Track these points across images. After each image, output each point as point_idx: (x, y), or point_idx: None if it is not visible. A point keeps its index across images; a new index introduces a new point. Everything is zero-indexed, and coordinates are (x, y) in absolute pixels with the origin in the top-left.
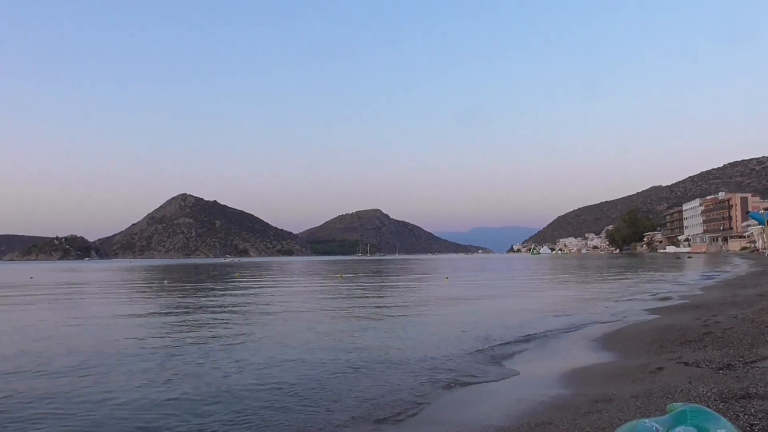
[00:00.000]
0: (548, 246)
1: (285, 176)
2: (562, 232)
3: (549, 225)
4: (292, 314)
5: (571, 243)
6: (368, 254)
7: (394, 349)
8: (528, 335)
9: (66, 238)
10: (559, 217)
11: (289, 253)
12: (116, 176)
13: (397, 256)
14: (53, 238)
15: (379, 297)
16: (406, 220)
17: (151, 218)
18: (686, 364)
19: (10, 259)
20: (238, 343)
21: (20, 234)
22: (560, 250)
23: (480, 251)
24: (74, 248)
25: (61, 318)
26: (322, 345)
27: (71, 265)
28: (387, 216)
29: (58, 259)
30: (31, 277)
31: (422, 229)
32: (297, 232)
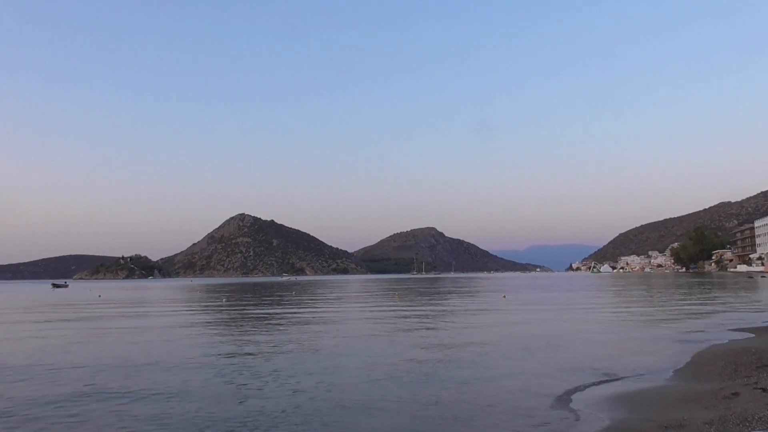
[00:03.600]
0: (609, 264)
1: (340, 195)
2: (624, 249)
3: (610, 243)
4: (355, 336)
5: (634, 261)
6: (423, 272)
7: (473, 385)
8: (609, 374)
9: (131, 258)
10: (621, 235)
11: (345, 271)
12: (177, 197)
13: (452, 275)
14: (119, 258)
15: (442, 320)
16: (462, 238)
17: (211, 238)
18: (764, 390)
19: (80, 278)
20: (297, 363)
21: (89, 254)
22: (622, 268)
23: (538, 269)
24: (138, 267)
25: (126, 335)
26: (398, 376)
27: (135, 283)
28: (442, 234)
29: (123, 278)
30: (99, 296)
31: (477, 247)
32: (352, 251)
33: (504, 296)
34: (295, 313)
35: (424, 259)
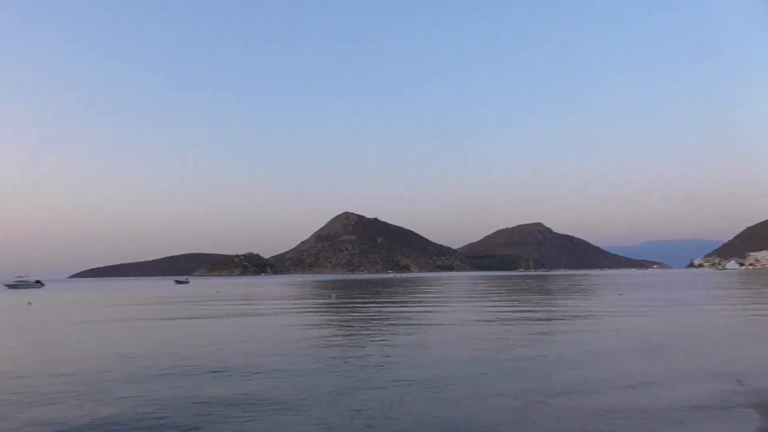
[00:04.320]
0: (736, 260)
1: (443, 192)
2: (753, 244)
3: (736, 237)
4: (473, 336)
5: (765, 257)
6: (531, 269)
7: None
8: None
9: (244, 256)
10: (749, 228)
11: (449, 268)
12: (286, 197)
13: (562, 272)
14: (234, 256)
15: (564, 323)
16: (571, 234)
17: (318, 236)
18: None
19: (199, 275)
20: (415, 358)
21: (207, 252)
22: (751, 265)
23: (655, 266)
24: (252, 265)
25: (243, 328)
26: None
27: (249, 280)
28: (549, 230)
29: (238, 275)
30: (217, 291)
31: (588, 243)
32: (456, 248)
33: (620, 294)
34: (406, 310)
35: (531, 256)
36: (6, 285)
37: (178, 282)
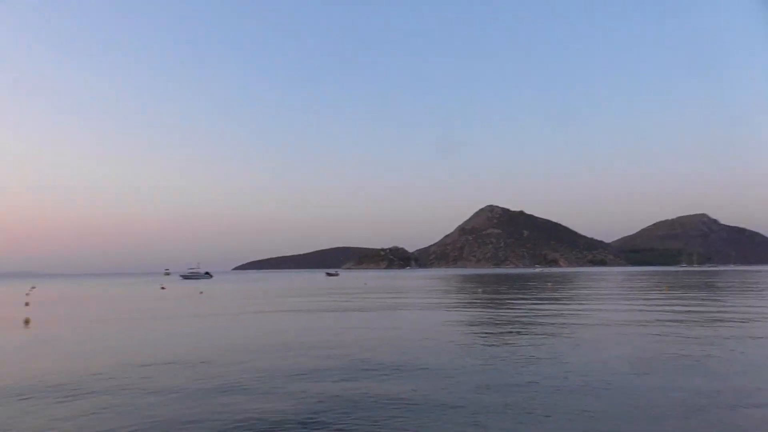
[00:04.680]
0: None
1: (594, 181)
2: None
3: None
4: (637, 335)
5: None
6: (694, 264)
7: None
8: None
9: (390, 249)
10: None
11: (602, 263)
12: (430, 191)
13: (731, 267)
14: (380, 250)
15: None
16: (742, 226)
17: (462, 229)
18: None
19: (347, 268)
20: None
21: (354, 246)
22: None
23: None
24: (397, 258)
25: (391, 322)
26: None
27: (395, 273)
28: (715, 221)
29: (384, 268)
30: (365, 284)
31: (763, 236)
32: (609, 241)
33: None
34: (556, 307)
35: (694, 250)
36: (181, 276)
37: (329, 274)
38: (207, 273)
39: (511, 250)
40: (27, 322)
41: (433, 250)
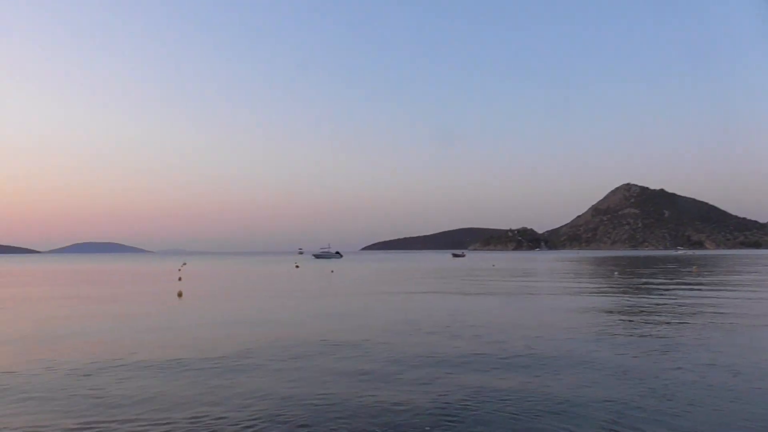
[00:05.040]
0: None
1: (746, 155)
2: None
3: None
4: None
5: None
6: None
7: None
8: None
9: (518, 230)
10: None
11: (756, 245)
12: (561, 169)
13: None
14: (507, 231)
15: None
16: None
17: (596, 210)
18: None
19: (474, 249)
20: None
21: (481, 227)
22: None
23: None
24: (525, 239)
25: (523, 308)
26: None
27: (524, 255)
28: None
29: (512, 249)
30: (493, 265)
31: None
32: (765, 222)
33: None
34: (702, 294)
35: None
36: (313, 255)
37: (455, 255)
38: (337, 253)
39: (649, 231)
40: (180, 294)
41: (564, 231)
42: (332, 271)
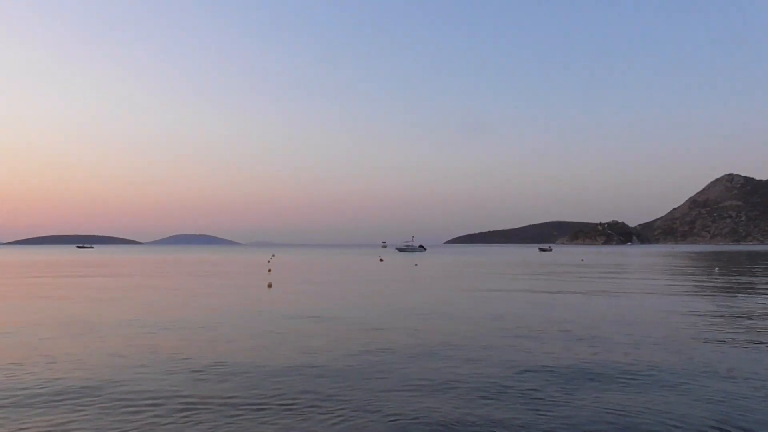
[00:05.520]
0: None
1: None
2: None
3: None
4: None
5: None
6: None
7: None
8: None
9: (608, 224)
10: None
11: None
12: (656, 161)
13: None
14: (597, 224)
15: None
16: None
17: (693, 202)
18: None
19: (561, 243)
20: None
21: (569, 220)
22: None
23: None
24: (616, 233)
25: (615, 308)
26: None
27: (614, 249)
28: None
29: (601, 244)
30: (582, 260)
31: None
32: None
33: None
34: None
35: None
36: (397, 248)
37: (541, 249)
38: (421, 246)
39: (754, 225)
40: (270, 286)
41: (657, 224)
42: (416, 265)
